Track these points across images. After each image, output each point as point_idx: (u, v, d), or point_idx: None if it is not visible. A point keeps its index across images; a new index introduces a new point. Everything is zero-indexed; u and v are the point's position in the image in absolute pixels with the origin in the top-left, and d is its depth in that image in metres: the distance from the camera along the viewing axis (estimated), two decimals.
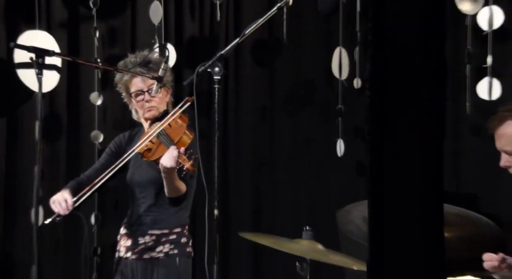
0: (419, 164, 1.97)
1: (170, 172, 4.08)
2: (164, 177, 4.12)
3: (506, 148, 3.66)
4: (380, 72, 1.98)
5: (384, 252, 1.91)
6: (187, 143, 4.16)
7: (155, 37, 5.71)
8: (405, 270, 1.93)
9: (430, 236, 1.94)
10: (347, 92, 5.58)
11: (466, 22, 5.37)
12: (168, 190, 4.18)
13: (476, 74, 5.37)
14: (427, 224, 1.95)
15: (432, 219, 1.96)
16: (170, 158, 4.03)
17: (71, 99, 5.85)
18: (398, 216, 1.95)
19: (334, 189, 5.67)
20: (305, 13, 5.76)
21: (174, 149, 4.05)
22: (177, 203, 4.26)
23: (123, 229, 4.40)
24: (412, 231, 1.93)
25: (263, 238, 4.29)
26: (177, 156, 4.02)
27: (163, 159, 4.06)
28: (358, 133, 5.57)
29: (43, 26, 5.77)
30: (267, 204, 5.78)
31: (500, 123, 3.67)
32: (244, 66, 5.86)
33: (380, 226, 1.93)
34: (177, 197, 4.23)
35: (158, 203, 4.31)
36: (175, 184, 4.16)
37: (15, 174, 5.77)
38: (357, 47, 5.57)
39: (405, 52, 1.96)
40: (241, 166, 5.81)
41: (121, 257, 4.36)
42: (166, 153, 4.07)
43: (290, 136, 5.80)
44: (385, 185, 1.96)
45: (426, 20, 1.98)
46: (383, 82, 1.98)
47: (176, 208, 4.28)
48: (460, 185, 5.44)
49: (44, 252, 5.56)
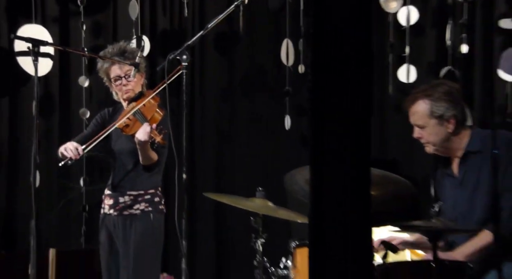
0: (351, 135, 1.98)
1: (143, 145, 4.11)
2: (139, 148, 4.14)
3: (418, 123, 3.68)
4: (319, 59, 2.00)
5: (322, 207, 1.93)
6: (158, 119, 4.18)
7: (133, 30, 5.68)
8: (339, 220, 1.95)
9: (360, 193, 1.96)
10: (293, 76, 5.58)
11: (388, 19, 5.41)
12: (142, 159, 4.20)
13: (396, 62, 5.42)
14: (357, 184, 1.97)
15: (361, 179, 1.98)
16: (144, 133, 4.06)
17: (62, 82, 5.81)
18: (334, 178, 1.97)
19: (282, 156, 5.69)
20: (258, 10, 5.74)
21: (147, 125, 4.07)
22: (150, 169, 4.28)
23: (107, 190, 4.38)
24: (345, 190, 1.95)
25: (224, 197, 4.30)
26: (149, 131, 4.04)
27: (138, 134, 4.08)
28: (302, 110, 5.59)
29: (38, 20, 5.72)
30: (227, 169, 5.79)
31: (413, 102, 3.69)
32: (208, 55, 5.84)
33: (319, 187, 1.95)
34: (149, 165, 4.25)
35: (135, 169, 4.30)
36: (148, 154, 4.18)
37: (17, 144, 5.74)
38: (301, 39, 5.58)
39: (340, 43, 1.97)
40: (205, 137, 5.81)
41: (105, 213, 4.34)
42: (140, 128, 4.08)
43: (246, 112, 5.79)
44: (324, 153, 1.98)
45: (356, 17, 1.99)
46: (321, 68, 1.99)
47: (150, 173, 4.28)
48: (384, 152, 5.50)
49: (41, 208, 5.53)
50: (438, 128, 3.63)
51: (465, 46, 5.30)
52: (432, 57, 5.45)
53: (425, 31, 5.48)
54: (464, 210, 3.59)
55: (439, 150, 3.68)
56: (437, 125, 3.62)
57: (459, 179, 3.64)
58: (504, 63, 5.20)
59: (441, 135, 3.63)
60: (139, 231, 4.23)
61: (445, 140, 3.64)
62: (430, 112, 3.62)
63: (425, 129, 3.65)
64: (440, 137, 3.63)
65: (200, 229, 5.67)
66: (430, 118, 3.63)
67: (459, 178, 3.64)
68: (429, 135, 3.64)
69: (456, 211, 3.61)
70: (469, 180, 3.59)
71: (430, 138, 3.65)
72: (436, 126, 3.63)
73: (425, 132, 3.65)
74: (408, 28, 5.36)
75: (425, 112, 3.63)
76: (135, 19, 5.68)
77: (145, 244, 4.22)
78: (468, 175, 3.60)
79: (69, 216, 5.65)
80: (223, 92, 5.81)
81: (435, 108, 3.61)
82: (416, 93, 3.71)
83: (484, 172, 3.55)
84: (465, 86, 5.37)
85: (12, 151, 5.72)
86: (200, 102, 5.82)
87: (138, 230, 4.23)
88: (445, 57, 5.34)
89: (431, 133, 3.64)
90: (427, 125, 3.64)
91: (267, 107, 5.74)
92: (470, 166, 3.61)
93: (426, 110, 3.63)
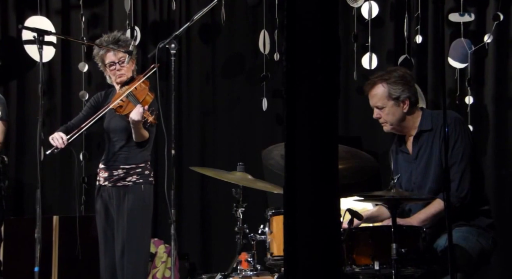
0: (321, 115, 1.96)
1: (137, 124, 4.09)
2: (133, 127, 4.12)
3: (377, 104, 3.66)
4: (292, 48, 1.97)
5: (296, 179, 1.91)
6: (149, 101, 4.16)
7: (127, 21, 5.61)
8: (310, 191, 1.93)
9: (329, 167, 1.95)
10: (269, 63, 5.54)
11: (353, 13, 5.38)
12: (135, 136, 4.18)
13: (360, 50, 5.40)
14: (326, 158, 1.96)
15: (329, 155, 1.97)
16: (137, 114, 4.03)
17: (64, 67, 5.73)
18: (305, 153, 1.95)
19: (260, 134, 5.67)
20: (238, 4, 5.70)
21: (140, 106, 4.05)
22: (141, 145, 4.26)
23: (101, 164, 4.34)
24: (315, 164, 1.93)
25: (208, 170, 4.28)
26: (142, 112, 4.02)
27: (132, 114, 4.05)
28: (277, 93, 5.56)
29: (43, 12, 5.64)
30: (210, 145, 5.76)
31: (372, 86, 3.67)
32: (193, 43, 5.78)
33: (292, 161, 1.93)
34: (141, 141, 4.22)
35: (128, 145, 4.27)
36: (141, 133, 4.16)
37: (24, 122, 5.67)
38: (276, 30, 5.54)
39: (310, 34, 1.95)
40: (191, 117, 5.77)
41: (101, 185, 4.31)
42: (134, 109, 4.06)
43: (227, 95, 5.76)
44: (296, 131, 1.96)
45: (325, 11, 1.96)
46: (294, 55, 1.97)
47: (141, 149, 4.26)
48: (348, 130, 5.49)
49: (46, 179, 5.48)
50: (395, 109, 3.62)
51: (419, 37, 5.30)
52: (391, 46, 5.44)
53: (385, 23, 5.46)
54: (419, 181, 3.60)
55: (396, 128, 3.68)
56: (394, 105, 3.62)
57: (413, 155, 3.64)
58: (453, 51, 5.21)
59: (398, 115, 3.63)
60: (132, 200, 4.20)
61: (401, 120, 3.64)
62: (388, 94, 3.62)
63: (384, 110, 3.64)
64: (397, 116, 3.63)
65: (187, 199, 5.65)
66: (388, 99, 3.62)
67: (413, 155, 3.64)
68: (387, 115, 3.64)
69: (411, 183, 3.61)
70: (423, 155, 3.60)
71: (388, 117, 3.64)
72: (393, 106, 3.62)
73: (384, 113, 3.64)
74: (370, 20, 5.34)
75: (384, 94, 3.62)
76: (128, 11, 5.62)
77: (137, 212, 4.19)
78: (422, 151, 3.61)
79: (71, 186, 5.60)
80: (206, 76, 5.76)
81: (392, 91, 3.61)
82: (374, 78, 3.70)
83: (435, 148, 3.56)
84: (419, 72, 5.38)
85: (20, 128, 5.66)
86: (186, 85, 5.77)
87: (130, 199, 4.20)
88: (402, 46, 5.34)
89: (388, 113, 3.63)
90: (386, 105, 3.63)
91: (246, 90, 5.71)
92: (422, 143, 3.61)
93: (385, 92, 3.62)
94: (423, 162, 3.59)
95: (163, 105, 4.03)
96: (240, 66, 5.73)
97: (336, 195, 1.98)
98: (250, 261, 3.82)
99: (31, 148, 5.48)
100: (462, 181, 3.46)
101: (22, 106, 5.69)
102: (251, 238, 3.80)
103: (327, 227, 1.92)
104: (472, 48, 5.15)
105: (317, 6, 1.96)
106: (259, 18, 5.59)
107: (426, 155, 3.58)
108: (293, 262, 1.91)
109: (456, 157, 3.47)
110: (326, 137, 1.98)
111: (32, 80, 5.64)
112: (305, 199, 1.93)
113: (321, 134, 1.97)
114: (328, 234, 1.92)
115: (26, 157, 5.62)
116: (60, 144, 4.11)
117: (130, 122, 4.08)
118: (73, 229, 4.59)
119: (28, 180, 5.57)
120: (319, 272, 1.90)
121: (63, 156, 5.59)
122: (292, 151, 1.95)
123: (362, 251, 3.21)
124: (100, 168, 4.34)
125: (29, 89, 5.67)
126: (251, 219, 3.96)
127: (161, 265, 5.24)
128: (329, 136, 1.98)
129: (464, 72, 5.21)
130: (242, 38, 5.72)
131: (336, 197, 1.98)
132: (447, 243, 2.61)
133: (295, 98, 1.97)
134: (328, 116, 1.98)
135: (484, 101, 5.22)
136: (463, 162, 3.48)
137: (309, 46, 1.97)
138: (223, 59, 5.76)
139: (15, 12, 5.69)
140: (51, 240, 4.92)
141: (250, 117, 5.69)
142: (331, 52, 1.98)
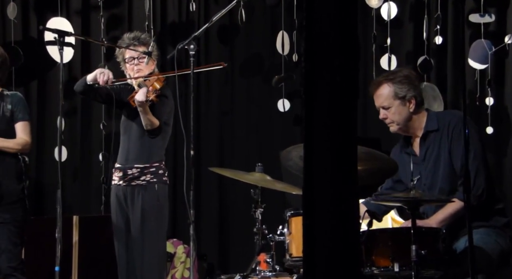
0: (339, 116, 1.96)
1: (143, 106, 4.08)
2: (140, 111, 4.12)
3: (383, 104, 3.64)
4: (311, 49, 1.97)
5: (314, 180, 1.91)
6: (157, 87, 4.16)
7: (146, 22, 5.63)
8: (329, 192, 1.93)
9: (348, 168, 1.95)
10: (288, 64, 5.54)
11: (372, 14, 5.37)
12: (144, 122, 4.16)
13: (379, 51, 5.38)
14: (345, 159, 1.95)
15: (348, 156, 1.96)
16: (141, 94, 4.05)
17: (83, 68, 5.76)
18: (324, 154, 1.94)
19: (278, 135, 5.67)
20: (257, 5, 5.70)
21: (144, 88, 4.06)
22: (154, 134, 4.22)
23: (116, 164, 4.36)
24: (335, 165, 1.93)
25: (226, 171, 4.27)
26: (146, 92, 4.03)
27: (136, 95, 4.08)
28: (296, 94, 5.55)
29: (63, 13, 5.67)
30: (229, 146, 5.76)
31: (378, 87, 3.65)
32: (212, 44, 5.79)
33: (310, 162, 1.93)
34: (152, 129, 4.20)
35: (143, 145, 4.27)
36: (149, 117, 4.14)
37: (44, 122, 5.71)
38: (295, 31, 5.54)
39: (329, 34, 1.95)
40: (210, 118, 5.78)
41: (116, 184, 4.33)
42: (139, 91, 4.07)
43: (245, 96, 5.76)
44: (315, 132, 1.95)
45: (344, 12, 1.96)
46: (313, 56, 1.97)
47: (155, 139, 4.23)
48: (367, 131, 5.48)
49: (66, 180, 5.52)
50: (401, 108, 3.60)
51: (439, 38, 5.28)
52: (410, 47, 5.42)
53: (404, 24, 5.44)
54: (428, 182, 3.58)
55: (402, 128, 3.66)
56: (400, 105, 3.60)
57: (421, 157, 3.62)
58: (473, 52, 5.18)
59: (404, 114, 3.61)
60: (145, 200, 4.21)
61: (407, 119, 3.62)
62: (394, 93, 3.60)
63: (390, 110, 3.62)
64: (404, 116, 3.61)
65: (206, 200, 5.66)
66: (394, 99, 3.60)
67: (421, 156, 3.62)
68: (394, 115, 3.62)
69: (421, 184, 3.59)
70: (430, 156, 3.58)
71: (395, 117, 3.62)
72: (399, 106, 3.60)
73: (390, 113, 3.62)
74: (389, 21, 5.32)
75: (390, 94, 3.60)
76: (148, 12, 5.64)
77: (151, 211, 4.20)
78: (429, 152, 3.59)
79: (90, 187, 5.63)
80: (225, 76, 5.77)
81: (398, 90, 3.59)
82: (379, 78, 3.70)
83: (443, 148, 3.55)
84: (439, 73, 5.36)
85: (40, 128, 5.70)
86: (205, 85, 5.78)
87: (144, 198, 4.21)
88: (421, 47, 5.32)
89: (395, 112, 3.61)
90: (392, 105, 3.61)
91: (264, 90, 5.71)
92: (430, 144, 3.59)
93: (391, 92, 3.60)
94: (431, 163, 3.57)
95: (182, 106, 4.03)
96: (259, 67, 5.73)
97: (355, 196, 1.97)
98: (268, 262, 3.82)
99: (51, 148, 5.52)
100: (477, 179, 3.46)
101: (42, 106, 5.73)
102: (269, 239, 3.80)
103: (346, 228, 1.92)
104: (493, 49, 5.12)
105: (336, 7, 1.96)
106: (277, 19, 5.59)
107: (434, 156, 3.57)
108: (312, 263, 1.91)
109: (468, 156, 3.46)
110: (345, 138, 1.97)
111: (52, 80, 5.68)
112: (324, 200, 1.93)
113: (340, 135, 1.97)
114: (347, 235, 1.92)
115: (46, 157, 5.65)
116: (103, 81, 4.10)
117: (137, 106, 4.10)
118: (93, 229, 4.62)
119: (48, 180, 5.60)
120: (338, 273, 1.90)
121: (82, 156, 5.64)
122: (310, 152, 1.95)
123: (381, 252, 3.20)
124: (115, 168, 4.36)
125: (50, 89, 5.71)
126: (270, 220, 3.95)
127: (180, 265, 5.26)
128: (348, 137, 1.98)
129: (484, 73, 5.18)
130: (261, 39, 5.73)
131: (355, 198, 1.97)
132: (467, 244, 2.59)
133: (313, 99, 1.97)
134: (346, 117, 1.98)
135: (505, 102, 5.19)
136: (476, 160, 3.47)
137: (328, 47, 1.97)
138: (241, 60, 5.76)
139: (35, 13, 5.74)
140: (71, 240, 4.95)
141: (268, 118, 5.69)
142: (350, 53, 1.98)
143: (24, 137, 4.32)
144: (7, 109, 4.33)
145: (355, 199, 1.97)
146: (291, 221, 3.69)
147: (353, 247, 1.93)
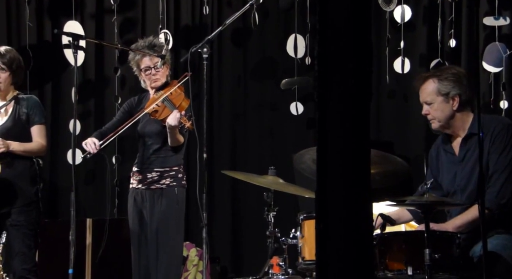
0: (352, 119, 1.96)
1: (173, 129, 4.13)
2: (169, 132, 4.16)
3: (426, 100, 3.61)
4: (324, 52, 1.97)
5: (327, 184, 1.91)
6: (185, 107, 4.20)
7: (159, 26, 5.65)
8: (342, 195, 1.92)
9: (361, 171, 1.94)
10: (301, 67, 5.55)
11: (385, 17, 5.36)
12: (171, 141, 4.22)
13: (393, 54, 5.37)
14: (358, 163, 1.94)
15: (361, 159, 1.96)
16: (175, 119, 4.08)
17: (97, 71, 5.80)
18: (337, 157, 1.94)
19: (291, 138, 5.67)
20: (270, 8, 5.71)
21: (177, 112, 4.10)
22: (177, 150, 4.31)
23: (135, 167, 4.38)
24: (348, 168, 1.92)
25: (239, 174, 4.27)
26: (179, 118, 4.06)
27: (169, 119, 4.10)
28: (309, 97, 5.55)
29: (78, 17, 5.70)
30: (242, 149, 5.77)
31: (423, 82, 3.61)
32: (225, 47, 5.81)
33: (324, 165, 1.93)
34: (177, 146, 4.25)
35: (162, 149, 4.30)
36: (177, 138, 4.21)
37: (58, 125, 5.73)
38: (307, 34, 5.54)
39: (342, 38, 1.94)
40: (223, 120, 5.79)
41: (134, 188, 4.34)
42: (171, 114, 4.10)
43: (258, 98, 5.77)
44: (328, 135, 1.95)
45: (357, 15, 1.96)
46: (326, 59, 1.96)
47: (175, 152, 4.30)
48: (380, 135, 5.47)
49: (79, 182, 5.55)
50: (444, 105, 3.55)
51: (453, 41, 5.26)
52: (424, 50, 5.41)
53: (418, 27, 5.43)
54: (463, 184, 3.53)
55: (444, 125, 3.59)
56: (443, 101, 3.55)
57: (459, 157, 3.57)
58: (487, 55, 5.16)
59: (447, 111, 3.55)
60: (165, 203, 4.23)
61: (449, 117, 3.56)
62: (437, 89, 3.55)
63: (432, 106, 3.57)
64: (446, 113, 3.56)
65: (219, 203, 5.67)
66: (437, 95, 3.56)
67: (460, 156, 3.58)
68: (435, 111, 3.57)
69: (455, 185, 3.56)
70: (469, 159, 3.53)
71: (436, 114, 3.57)
72: (442, 102, 3.55)
73: (432, 109, 3.58)
74: (403, 24, 5.31)
75: (433, 90, 3.56)
76: (161, 15, 5.66)
77: (170, 214, 4.23)
78: (469, 154, 3.54)
79: (104, 189, 5.66)
80: (238, 79, 5.79)
81: (441, 87, 3.55)
82: (426, 74, 3.67)
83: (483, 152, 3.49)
84: None
85: (54, 131, 5.72)
86: (218, 89, 5.80)
87: (164, 202, 4.23)
88: (435, 50, 5.31)
89: (437, 109, 3.56)
90: (434, 101, 3.56)
91: (277, 93, 5.71)
92: (471, 146, 3.54)
93: (434, 88, 3.56)
94: (469, 166, 3.52)
95: (195, 109, 4.04)
96: (272, 70, 5.74)
97: (368, 200, 1.97)
98: (281, 265, 3.81)
99: (64, 152, 5.54)
100: (504, 188, 3.40)
101: (56, 109, 5.76)
102: (282, 242, 3.80)
103: (359, 231, 1.91)
104: (507, 52, 5.10)
105: (350, 10, 1.96)
106: (291, 23, 5.60)
107: (473, 159, 3.50)
108: (324, 267, 1.91)
109: (501, 164, 3.42)
110: (358, 141, 1.97)
111: (66, 83, 5.71)
112: (337, 204, 1.92)
113: (353, 138, 1.96)
114: (360, 238, 1.91)
115: (60, 161, 5.67)
116: (92, 149, 4.17)
117: (166, 127, 4.13)
118: (106, 232, 4.64)
119: (61, 183, 5.63)
120: (351, 277, 1.89)
121: (96, 159, 5.65)
122: (324, 155, 1.95)
123: (395, 256, 3.19)
124: (133, 171, 4.38)
125: (64, 92, 5.73)
126: (283, 223, 3.95)
127: (193, 268, 5.27)
128: (361, 140, 1.97)
129: (498, 76, 5.16)
130: (274, 42, 5.73)
131: (368, 201, 1.97)
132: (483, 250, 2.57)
133: (327, 102, 1.96)
134: (360, 120, 1.97)
135: None
136: (507, 170, 3.41)
137: (341, 50, 1.96)
138: (254, 63, 5.77)
139: (49, 17, 5.77)
140: (84, 242, 4.97)
141: (281, 121, 5.69)
142: (363, 56, 1.97)
143: (40, 140, 4.35)
144: (23, 112, 4.36)
145: (368, 203, 1.96)
146: (303, 224, 3.68)
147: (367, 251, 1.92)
